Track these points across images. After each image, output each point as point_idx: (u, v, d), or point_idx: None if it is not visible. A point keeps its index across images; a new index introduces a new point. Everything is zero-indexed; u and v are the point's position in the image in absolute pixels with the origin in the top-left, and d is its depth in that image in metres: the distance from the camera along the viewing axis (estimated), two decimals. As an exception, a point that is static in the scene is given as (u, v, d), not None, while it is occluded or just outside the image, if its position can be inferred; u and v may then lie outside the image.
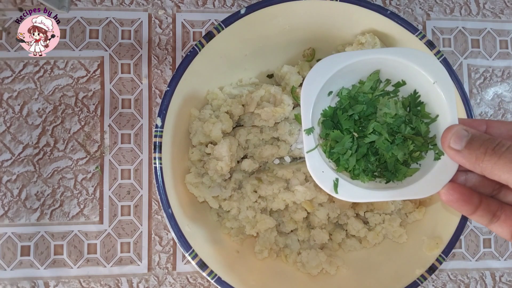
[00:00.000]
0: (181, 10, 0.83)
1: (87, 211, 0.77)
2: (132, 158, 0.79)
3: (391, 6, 0.86)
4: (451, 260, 0.83)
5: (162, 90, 0.81)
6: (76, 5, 0.81)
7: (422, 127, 0.52)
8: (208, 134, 0.69)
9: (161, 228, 0.78)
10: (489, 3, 0.89)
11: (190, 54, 0.66)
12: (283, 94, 0.72)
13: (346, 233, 0.76)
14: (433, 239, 0.70)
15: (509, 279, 0.83)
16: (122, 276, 0.77)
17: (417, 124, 0.53)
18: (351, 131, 0.55)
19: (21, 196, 0.77)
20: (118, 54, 0.81)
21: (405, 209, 0.75)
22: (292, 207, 0.71)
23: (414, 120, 0.53)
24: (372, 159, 0.54)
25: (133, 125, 0.80)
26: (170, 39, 0.82)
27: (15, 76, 0.79)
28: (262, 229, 0.71)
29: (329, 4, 0.68)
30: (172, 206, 0.65)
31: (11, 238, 0.76)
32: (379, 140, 0.53)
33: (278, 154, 0.72)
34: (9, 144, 0.78)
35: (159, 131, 0.65)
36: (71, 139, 0.79)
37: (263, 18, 0.68)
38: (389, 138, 0.53)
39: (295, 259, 0.73)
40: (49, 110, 0.79)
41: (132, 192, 0.79)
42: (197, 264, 0.64)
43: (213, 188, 0.71)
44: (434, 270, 0.67)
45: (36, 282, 0.75)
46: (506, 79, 0.88)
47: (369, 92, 0.56)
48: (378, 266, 0.73)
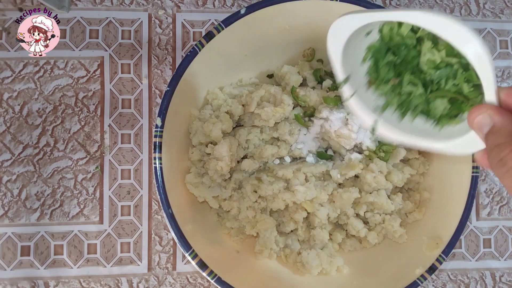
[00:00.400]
0: (181, 10, 0.83)
1: (87, 211, 0.77)
2: (132, 158, 0.79)
3: (391, 6, 0.86)
4: (451, 260, 0.83)
5: (162, 90, 0.81)
6: (76, 5, 0.81)
7: (464, 87, 0.47)
8: (208, 134, 0.69)
9: (161, 228, 0.78)
10: (489, 3, 0.89)
11: (190, 54, 0.66)
12: (283, 94, 0.72)
13: (346, 233, 0.76)
14: (433, 239, 0.70)
15: (509, 279, 0.83)
16: (122, 276, 0.77)
17: (460, 81, 0.47)
18: (389, 78, 0.52)
19: (21, 196, 0.77)
20: (118, 54, 0.81)
21: (405, 209, 0.75)
22: (292, 207, 0.71)
23: (458, 75, 0.47)
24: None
25: (133, 125, 0.80)
26: (170, 39, 0.82)
27: (15, 76, 0.79)
28: (262, 229, 0.71)
29: (329, 4, 0.68)
30: (172, 206, 0.65)
31: (11, 238, 0.76)
32: (415, 93, 0.50)
33: (278, 154, 0.72)
34: (9, 144, 0.78)
35: (159, 131, 0.65)
36: (71, 139, 0.79)
37: (263, 18, 0.68)
38: (425, 92, 0.49)
39: (295, 259, 0.73)
40: (49, 110, 0.79)
41: (132, 192, 0.79)
42: (197, 264, 0.64)
43: (213, 188, 0.71)
44: (434, 270, 0.67)
45: (36, 282, 0.75)
46: (506, 79, 0.88)
47: (410, 35, 0.49)
48: (378, 266, 0.73)
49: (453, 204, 0.70)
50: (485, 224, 0.84)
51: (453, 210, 0.69)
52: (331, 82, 0.74)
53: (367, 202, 0.73)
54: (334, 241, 0.75)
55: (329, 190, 0.72)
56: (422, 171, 0.76)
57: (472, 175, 0.69)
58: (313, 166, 0.72)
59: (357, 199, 0.73)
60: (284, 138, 0.71)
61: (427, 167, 0.76)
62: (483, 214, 0.85)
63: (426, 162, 0.76)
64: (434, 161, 0.75)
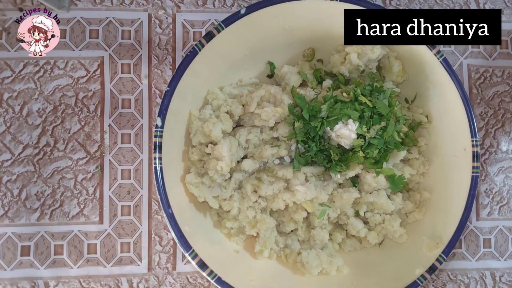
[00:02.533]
0: (181, 10, 0.83)
1: (87, 211, 0.77)
2: (132, 158, 0.79)
3: (391, 6, 0.86)
4: (451, 260, 0.83)
5: (162, 90, 0.81)
6: (76, 5, 0.81)
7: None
8: (208, 134, 0.69)
9: (161, 228, 0.78)
10: (489, 3, 0.89)
11: (190, 54, 0.66)
12: (283, 94, 0.72)
13: (346, 233, 0.76)
14: (433, 239, 0.70)
15: (509, 279, 0.83)
16: (122, 276, 0.77)
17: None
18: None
19: (21, 196, 0.77)
20: (118, 54, 0.81)
21: (405, 209, 0.75)
22: (292, 207, 0.71)
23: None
24: None
25: (133, 125, 0.80)
26: (170, 39, 0.82)
27: (15, 76, 0.79)
28: (262, 229, 0.71)
29: (329, 4, 0.68)
30: (172, 206, 0.65)
31: (11, 238, 0.76)
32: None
33: (278, 154, 0.72)
34: (9, 144, 0.78)
35: (159, 131, 0.65)
36: (71, 139, 0.79)
37: (263, 18, 0.68)
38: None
39: (295, 259, 0.73)
40: (49, 110, 0.79)
41: (132, 192, 0.79)
42: (197, 264, 0.64)
43: (213, 188, 0.71)
44: (434, 270, 0.67)
45: (36, 282, 0.75)
46: (506, 79, 0.88)
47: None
48: (378, 266, 0.73)
49: (453, 204, 0.70)
50: (485, 224, 0.84)
51: (453, 210, 0.69)
52: (331, 82, 0.74)
53: (367, 202, 0.73)
54: (334, 241, 0.75)
55: (329, 190, 0.72)
56: (422, 171, 0.76)
57: (472, 175, 0.69)
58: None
59: (357, 199, 0.73)
60: (284, 138, 0.71)
61: (427, 167, 0.76)
62: (483, 214, 0.85)
63: (426, 162, 0.76)
64: (434, 161, 0.75)
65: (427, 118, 0.75)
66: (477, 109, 0.87)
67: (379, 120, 0.67)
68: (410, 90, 0.77)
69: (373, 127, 0.67)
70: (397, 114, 0.70)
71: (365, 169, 0.72)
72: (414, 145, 0.76)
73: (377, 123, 0.67)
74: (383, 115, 0.68)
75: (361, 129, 0.67)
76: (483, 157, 0.86)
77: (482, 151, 0.86)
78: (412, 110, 0.77)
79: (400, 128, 0.70)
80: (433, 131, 0.76)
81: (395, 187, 0.72)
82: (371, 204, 0.73)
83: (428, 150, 0.77)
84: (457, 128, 0.71)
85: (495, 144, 0.86)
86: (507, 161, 0.86)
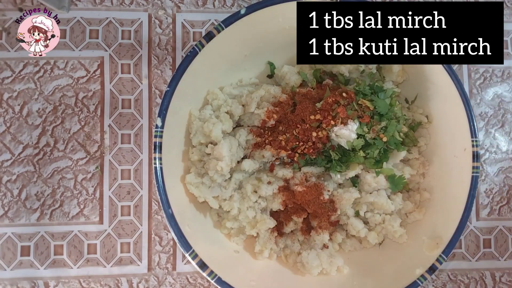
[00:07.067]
0: (181, 10, 0.83)
1: (87, 211, 0.77)
2: (132, 158, 0.79)
3: (391, 6, 0.86)
4: (451, 260, 0.83)
5: (162, 90, 0.81)
6: (76, 5, 0.81)
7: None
8: (208, 134, 0.69)
9: (161, 228, 0.78)
10: (489, 3, 0.89)
11: (190, 54, 0.66)
12: (283, 94, 0.72)
13: (346, 233, 0.76)
14: (433, 239, 0.70)
15: (509, 279, 0.83)
16: (122, 276, 0.77)
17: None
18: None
19: (21, 196, 0.77)
20: (118, 54, 0.81)
21: (405, 209, 0.75)
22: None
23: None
24: None
25: (133, 125, 0.80)
26: (170, 39, 0.82)
27: (15, 76, 0.79)
28: (262, 229, 0.71)
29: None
30: (172, 206, 0.65)
31: (11, 238, 0.76)
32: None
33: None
34: (9, 144, 0.78)
35: (159, 131, 0.65)
36: (71, 139, 0.79)
37: (263, 18, 0.68)
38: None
39: (295, 259, 0.73)
40: (49, 110, 0.79)
41: (132, 192, 0.79)
42: (197, 264, 0.64)
43: (213, 188, 0.71)
44: (434, 270, 0.67)
45: (36, 282, 0.75)
46: (506, 79, 0.88)
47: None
48: (378, 266, 0.73)
49: (453, 204, 0.70)
50: (485, 224, 0.84)
51: (453, 210, 0.69)
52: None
53: (367, 202, 0.73)
54: (334, 241, 0.75)
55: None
56: (422, 171, 0.76)
57: (472, 175, 0.69)
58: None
59: (357, 199, 0.73)
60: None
61: (427, 167, 0.75)
62: (483, 214, 0.85)
63: (426, 162, 0.76)
64: (434, 161, 0.75)
65: (427, 118, 0.75)
66: (477, 109, 0.87)
67: (379, 120, 0.67)
68: (410, 90, 0.77)
69: (373, 127, 0.67)
70: (397, 114, 0.70)
71: (365, 169, 0.72)
72: (414, 145, 0.76)
73: (377, 123, 0.67)
74: (383, 115, 0.68)
75: (361, 129, 0.67)
76: (483, 157, 0.86)
77: (482, 151, 0.86)
78: (412, 110, 0.77)
79: (400, 128, 0.70)
80: (433, 131, 0.76)
81: (395, 187, 0.72)
82: (371, 204, 0.73)
83: (428, 150, 0.77)
84: (457, 128, 0.71)
85: (495, 144, 0.86)
86: (507, 161, 0.86)
